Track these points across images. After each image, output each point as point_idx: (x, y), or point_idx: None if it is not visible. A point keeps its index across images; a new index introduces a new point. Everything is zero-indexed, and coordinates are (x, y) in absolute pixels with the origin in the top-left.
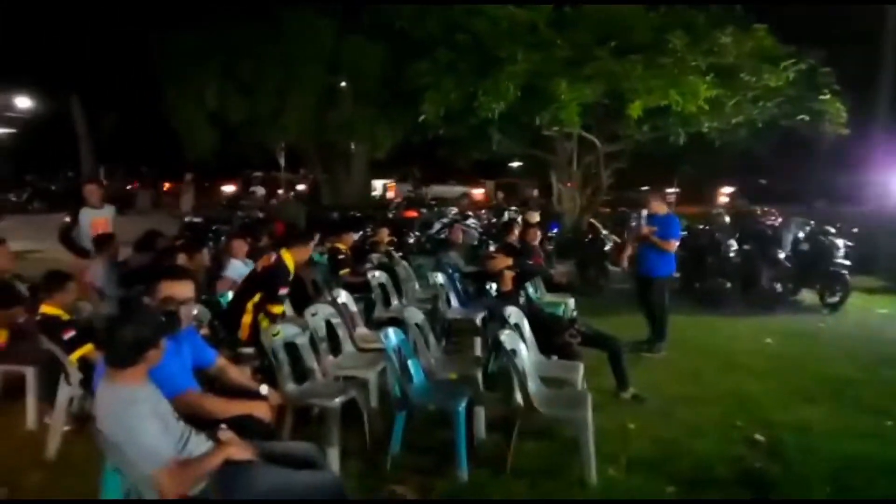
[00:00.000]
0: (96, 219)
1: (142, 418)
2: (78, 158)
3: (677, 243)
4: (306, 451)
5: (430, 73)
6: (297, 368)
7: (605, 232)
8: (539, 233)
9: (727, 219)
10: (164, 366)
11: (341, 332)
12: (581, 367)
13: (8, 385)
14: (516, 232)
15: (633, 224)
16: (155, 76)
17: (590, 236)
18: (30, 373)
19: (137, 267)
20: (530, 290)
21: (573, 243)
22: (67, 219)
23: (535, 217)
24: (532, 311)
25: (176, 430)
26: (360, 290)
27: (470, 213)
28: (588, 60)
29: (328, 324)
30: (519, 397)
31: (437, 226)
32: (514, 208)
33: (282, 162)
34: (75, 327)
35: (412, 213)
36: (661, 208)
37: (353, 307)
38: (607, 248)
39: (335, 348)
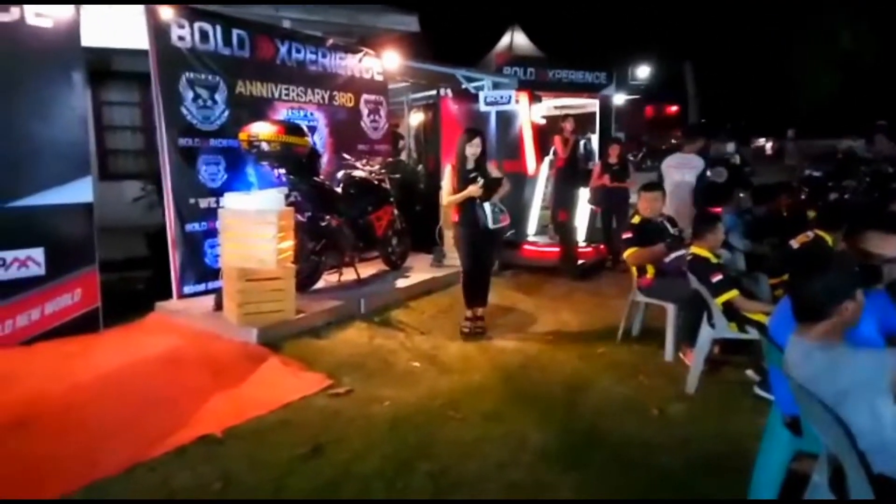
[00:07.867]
0: None
1: (861, 386)
2: (685, 119)
3: None
4: None
5: None
6: None
7: None
8: None
9: None
10: (859, 328)
11: None
12: None
13: (651, 316)
14: None
15: None
16: (772, 31)
17: None
18: (670, 308)
19: (762, 218)
20: None
21: None
22: None
23: None
24: None
25: None
26: None
27: None
28: None
29: None
30: None
31: None
32: None
33: None
34: (723, 271)
35: None
36: None
37: None
38: None
39: None
